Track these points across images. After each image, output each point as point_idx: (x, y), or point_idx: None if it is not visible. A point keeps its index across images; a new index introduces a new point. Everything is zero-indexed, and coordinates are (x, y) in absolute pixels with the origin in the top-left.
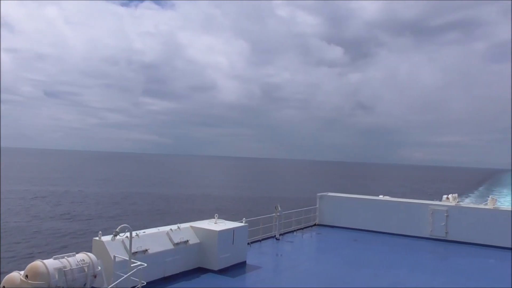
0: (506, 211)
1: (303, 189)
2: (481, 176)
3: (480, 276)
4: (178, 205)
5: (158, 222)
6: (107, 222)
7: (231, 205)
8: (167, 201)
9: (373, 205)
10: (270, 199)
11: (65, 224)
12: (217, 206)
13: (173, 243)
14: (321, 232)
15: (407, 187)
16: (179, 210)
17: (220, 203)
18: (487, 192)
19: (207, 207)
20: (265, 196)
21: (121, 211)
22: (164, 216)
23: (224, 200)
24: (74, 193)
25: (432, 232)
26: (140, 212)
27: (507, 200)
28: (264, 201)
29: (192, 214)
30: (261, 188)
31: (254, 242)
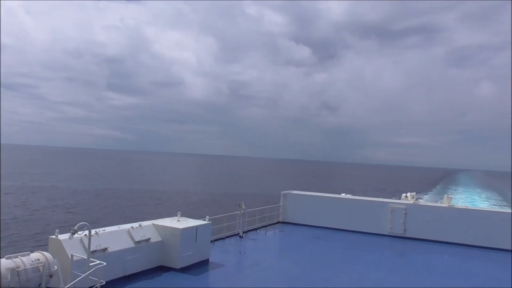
0: (460, 209)
1: (267, 187)
2: (437, 176)
3: (435, 272)
4: (140, 203)
5: (119, 220)
6: (65, 220)
7: (194, 203)
8: (129, 199)
9: (336, 203)
10: (234, 197)
11: (19, 222)
12: (180, 204)
13: (134, 241)
14: (284, 230)
15: (368, 186)
16: (141, 207)
17: (183, 201)
18: (444, 190)
19: (170, 205)
20: (229, 194)
21: (80, 208)
22: (126, 214)
23: (188, 198)
24: (28, 190)
25: (391, 229)
26: (100, 210)
27: (462, 198)
28: (228, 199)
29: (154, 212)
30: (225, 186)
31: (218, 240)
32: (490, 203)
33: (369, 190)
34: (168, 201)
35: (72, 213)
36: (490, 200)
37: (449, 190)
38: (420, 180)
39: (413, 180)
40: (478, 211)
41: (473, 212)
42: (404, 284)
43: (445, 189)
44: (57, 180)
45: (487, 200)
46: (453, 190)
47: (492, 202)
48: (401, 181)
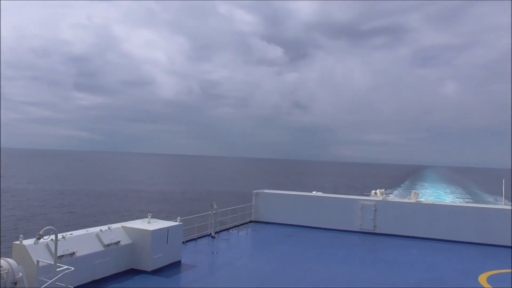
0: (426, 204)
1: (239, 187)
2: (405, 172)
3: (404, 266)
4: (109, 205)
5: (87, 223)
6: (30, 225)
7: (165, 204)
8: (98, 201)
9: (307, 201)
10: (205, 197)
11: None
12: (151, 205)
13: (103, 244)
14: (257, 229)
15: (338, 183)
16: (110, 210)
17: (154, 202)
18: (412, 186)
19: (140, 207)
20: (201, 194)
21: (46, 212)
22: (94, 217)
23: (158, 199)
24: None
25: (361, 225)
26: (67, 213)
27: (428, 193)
28: (199, 199)
29: (124, 214)
30: (196, 186)
31: (189, 241)
32: (454, 196)
33: (339, 187)
34: (138, 203)
35: (37, 218)
36: (455, 194)
37: (417, 186)
38: (388, 176)
39: (382, 177)
40: (444, 206)
41: (439, 207)
42: (375, 279)
43: (413, 185)
44: (20, 183)
45: (452, 194)
46: (420, 185)
47: (456, 196)
48: (370, 178)
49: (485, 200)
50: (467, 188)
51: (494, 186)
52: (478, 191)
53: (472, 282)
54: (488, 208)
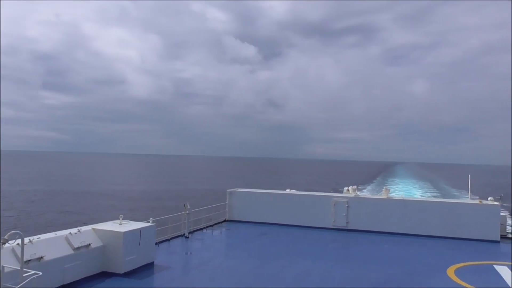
0: (397, 200)
1: (213, 186)
2: (377, 169)
3: (377, 261)
4: (79, 207)
5: (55, 226)
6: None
7: (137, 205)
8: (67, 203)
9: (281, 199)
10: (179, 197)
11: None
12: (122, 206)
13: (73, 247)
14: (231, 228)
15: (312, 181)
16: (80, 212)
17: (125, 203)
18: (383, 182)
19: (111, 208)
20: (174, 194)
21: (13, 215)
22: (63, 220)
23: (130, 200)
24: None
25: (334, 222)
26: (35, 216)
27: (399, 188)
28: (172, 199)
29: (94, 216)
30: (169, 186)
31: (163, 242)
32: (423, 191)
33: (312, 185)
34: (109, 204)
35: (2, 222)
36: (423, 189)
37: (388, 182)
38: (360, 173)
39: (354, 174)
40: (414, 201)
41: (409, 203)
42: (348, 275)
43: (384, 181)
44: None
45: (421, 189)
46: (391, 181)
47: (425, 191)
48: (342, 175)
49: (452, 194)
50: (435, 184)
51: (460, 181)
52: (446, 186)
53: (441, 275)
54: (456, 203)
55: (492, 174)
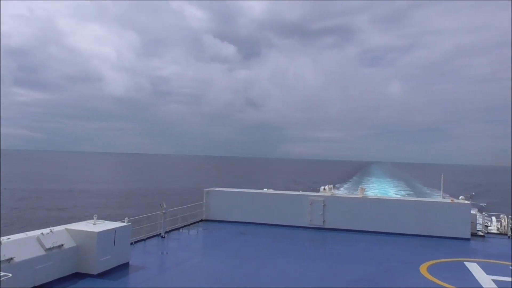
0: (372, 199)
1: (190, 185)
2: (353, 168)
3: (353, 259)
4: (52, 207)
5: (27, 227)
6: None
7: (112, 205)
8: (39, 203)
9: (258, 198)
10: (155, 196)
11: None
12: (97, 206)
13: (45, 248)
14: (208, 228)
15: (289, 180)
16: (53, 212)
17: (100, 202)
18: (359, 181)
19: (85, 208)
20: (150, 194)
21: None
22: (35, 220)
23: (105, 200)
24: None
25: (311, 221)
26: (5, 216)
27: (374, 187)
28: (148, 199)
29: (68, 215)
30: (145, 186)
31: (138, 242)
32: (398, 190)
33: (290, 184)
34: (84, 204)
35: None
36: (398, 188)
37: (364, 181)
38: (337, 172)
39: (331, 173)
40: (388, 200)
41: (384, 202)
42: (325, 273)
43: (360, 180)
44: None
45: (395, 188)
46: (367, 180)
47: (400, 189)
48: (320, 174)
49: (424, 193)
50: (409, 183)
51: (433, 180)
52: (419, 185)
53: (414, 272)
54: (429, 202)
55: (463, 173)
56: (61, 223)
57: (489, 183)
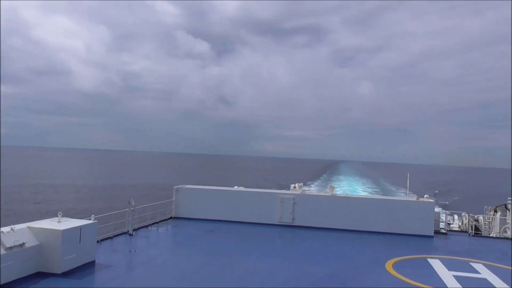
0: (341, 197)
1: (159, 182)
2: (323, 166)
3: (320, 256)
4: (13, 204)
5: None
6: None
7: (78, 202)
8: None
9: (229, 196)
10: (123, 194)
11: None
12: (62, 203)
13: (5, 247)
14: (177, 225)
15: (260, 178)
16: (15, 209)
17: (65, 200)
18: (329, 179)
19: (49, 205)
20: (118, 191)
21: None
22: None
23: (71, 197)
24: None
25: (281, 219)
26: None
27: (343, 185)
28: (116, 196)
29: (31, 213)
30: (113, 183)
31: (105, 240)
32: (366, 187)
33: (261, 182)
34: (47, 201)
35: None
36: (366, 185)
37: (333, 179)
38: (308, 170)
39: (301, 171)
40: (357, 198)
41: (352, 200)
42: (294, 270)
43: (330, 178)
44: None
45: (363, 185)
46: (336, 179)
47: (367, 187)
48: (290, 172)
49: (390, 190)
50: (376, 181)
51: (400, 179)
52: (386, 184)
53: (380, 268)
54: (395, 200)
55: (429, 173)
56: (23, 221)
57: (453, 183)
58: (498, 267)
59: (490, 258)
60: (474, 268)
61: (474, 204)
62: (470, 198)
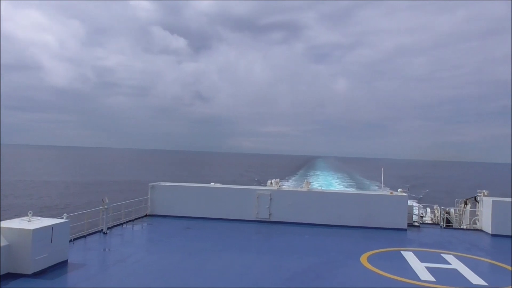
0: (317, 192)
1: (135, 180)
2: (300, 162)
3: (297, 251)
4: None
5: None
6: None
7: (50, 201)
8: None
9: (205, 193)
10: (97, 191)
11: None
12: (33, 202)
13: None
14: (153, 223)
15: (237, 174)
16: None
17: (36, 199)
18: (305, 174)
19: (19, 204)
20: (92, 189)
21: None
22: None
23: (42, 195)
24: None
25: (258, 215)
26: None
27: (320, 180)
28: (90, 194)
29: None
30: (87, 180)
31: (78, 239)
32: (341, 181)
33: (238, 178)
34: (17, 200)
35: None
36: (341, 180)
37: (310, 174)
38: (284, 166)
39: (278, 167)
40: (332, 193)
41: (328, 195)
42: (270, 266)
43: (307, 173)
44: None
45: (338, 179)
46: (312, 174)
47: (342, 181)
48: (267, 168)
49: (364, 183)
50: (351, 176)
51: (374, 173)
52: (361, 178)
53: (355, 262)
54: (369, 194)
55: (402, 167)
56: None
57: (425, 177)
58: (467, 258)
59: (460, 249)
60: (445, 259)
61: (446, 197)
62: (441, 192)
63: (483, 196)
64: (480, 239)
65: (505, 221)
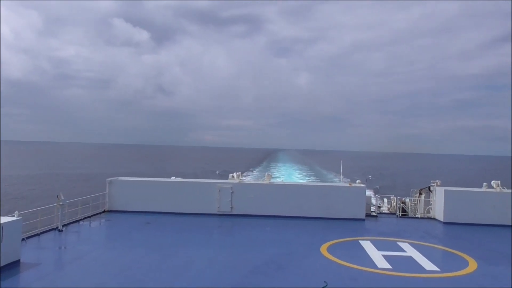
0: (278, 185)
1: (92, 175)
2: (262, 155)
3: (259, 243)
4: None
5: None
6: None
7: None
8: None
9: (166, 187)
10: (52, 188)
11: None
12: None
13: None
14: (111, 219)
15: (198, 168)
16: None
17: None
18: (267, 167)
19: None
20: (46, 185)
21: None
22: None
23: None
24: None
25: (219, 208)
26: None
27: (282, 171)
28: (44, 191)
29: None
30: (40, 176)
31: (31, 237)
32: (301, 172)
33: (199, 172)
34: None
35: None
36: (302, 171)
37: (272, 166)
38: (247, 159)
39: (240, 160)
40: (293, 185)
41: (289, 187)
42: (232, 259)
43: (269, 166)
44: None
45: (299, 171)
46: (274, 166)
47: (303, 173)
48: (229, 162)
49: (323, 174)
50: (312, 168)
51: (334, 165)
52: (320, 169)
53: (315, 252)
54: (329, 186)
55: (361, 159)
56: None
57: (383, 168)
58: (421, 245)
59: (415, 237)
60: (401, 247)
61: (402, 187)
62: (398, 182)
63: (436, 186)
64: (433, 227)
65: (456, 210)
